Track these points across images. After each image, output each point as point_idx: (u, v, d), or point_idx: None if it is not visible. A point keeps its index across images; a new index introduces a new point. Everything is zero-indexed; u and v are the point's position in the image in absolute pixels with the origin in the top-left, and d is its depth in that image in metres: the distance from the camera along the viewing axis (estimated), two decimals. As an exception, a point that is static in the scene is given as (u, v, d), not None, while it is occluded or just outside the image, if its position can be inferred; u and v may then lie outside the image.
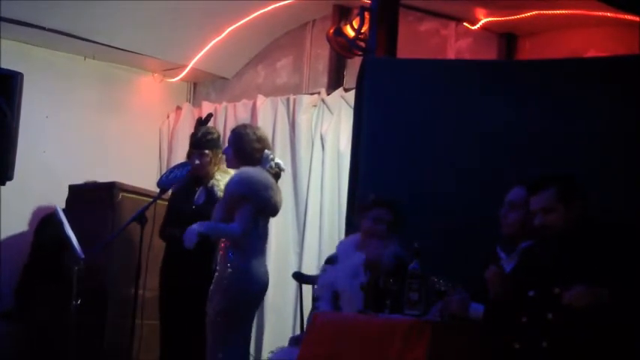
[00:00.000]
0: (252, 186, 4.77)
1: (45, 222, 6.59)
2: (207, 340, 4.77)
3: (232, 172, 5.03)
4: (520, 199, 4.05)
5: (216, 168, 5.37)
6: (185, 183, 5.37)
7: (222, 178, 5.28)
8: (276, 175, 4.97)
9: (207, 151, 5.37)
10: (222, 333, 4.73)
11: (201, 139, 5.41)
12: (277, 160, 5.01)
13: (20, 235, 6.76)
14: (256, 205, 4.77)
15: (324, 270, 4.71)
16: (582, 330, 3.51)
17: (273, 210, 4.90)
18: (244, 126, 5.13)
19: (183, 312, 5.24)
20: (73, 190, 6.62)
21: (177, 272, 5.32)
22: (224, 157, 5.19)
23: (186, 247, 4.67)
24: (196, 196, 5.35)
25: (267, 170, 4.90)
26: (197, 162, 5.36)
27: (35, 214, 6.88)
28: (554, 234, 3.74)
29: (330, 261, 4.71)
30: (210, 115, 5.90)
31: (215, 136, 5.46)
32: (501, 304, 3.80)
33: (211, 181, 5.36)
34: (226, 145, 5.12)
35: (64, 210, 5.72)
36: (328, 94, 6.92)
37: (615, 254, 3.57)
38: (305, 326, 4.96)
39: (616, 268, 3.53)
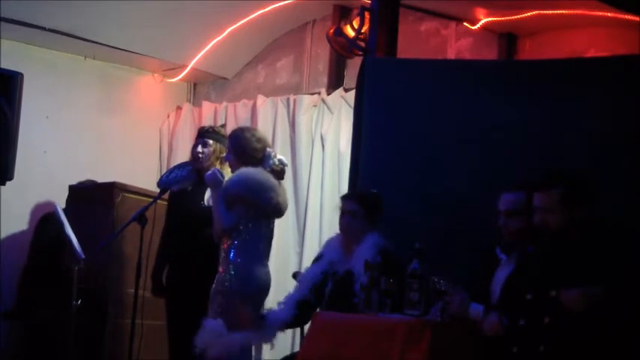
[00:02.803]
0: (249, 187, 4.76)
1: (44, 221, 6.58)
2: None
3: None
4: (515, 206, 4.03)
5: (217, 163, 5.32)
6: (192, 184, 5.34)
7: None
8: (281, 172, 4.96)
9: (211, 142, 5.33)
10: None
11: (208, 130, 5.40)
12: (279, 156, 5.01)
13: (21, 236, 6.76)
14: (254, 206, 4.77)
15: (307, 269, 4.78)
16: (579, 333, 3.51)
17: (275, 211, 4.89)
18: (241, 129, 5.12)
19: (188, 313, 5.22)
20: (73, 190, 6.62)
21: (181, 274, 5.31)
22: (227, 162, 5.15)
23: (207, 177, 4.86)
24: (206, 197, 5.30)
25: (271, 167, 4.90)
26: (199, 150, 5.30)
27: (34, 212, 6.87)
28: (552, 234, 3.73)
29: (316, 260, 4.73)
30: (222, 125, 5.89)
31: (222, 132, 5.43)
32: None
33: None
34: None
35: (63, 209, 5.72)
36: (328, 94, 6.92)
37: (613, 255, 3.56)
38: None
39: (613, 268, 3.53)
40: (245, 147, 4.92)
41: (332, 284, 4.55)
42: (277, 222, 5.46)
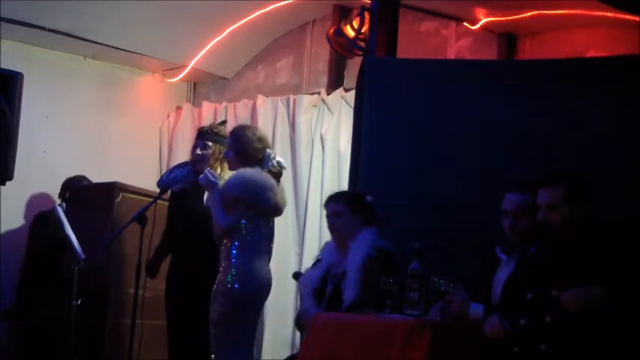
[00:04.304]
0: (247, 188, 4.76)
1: (42, 219, 6.57)
2: (211, 341, 4.77)
3: None
4: (523, 206, 4.02)
5: (217, 164, 5.31)
6: (192, 184, 5.33)
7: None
8: (278, 174, 4.96)
9: (210, 144, 5.31)
10: (226, 333, 4.73)
11: (208, 131, 5.38)
12: (278, 158, 5.01)
13: (21, 236, 6.75)
14: (252, 206, 4.78)
15: (305, 272, 4.83)
16: (580, 333, 3.51)
17: (274, 210, 4.89)
18: (242, 127, 5.11)
19: (188, 313, 5.23)
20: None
21: (181, 274, 5.31)
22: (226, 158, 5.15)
23: (201, 180, 4.84)
24: (205, 197, 5.29)
25: (269, 169, 4.90)
26: (198, 152, 5.29)
27: (29, 204, 6.87)
28: (554, 233, 3.73)
29: (315, 264, 4.77)
30: (223, 122, 5.88)
31: (222, 132, 5.41)
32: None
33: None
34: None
35: (59, 205, 5.72)
36: (328, 94, 6.92)
37: (614, 254, 3.57)
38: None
39: (614, 268, 3.53)
40: (246, 146, 4.91)
41: (331, 286, 4.55)
42: (277, 222, 5.49)
